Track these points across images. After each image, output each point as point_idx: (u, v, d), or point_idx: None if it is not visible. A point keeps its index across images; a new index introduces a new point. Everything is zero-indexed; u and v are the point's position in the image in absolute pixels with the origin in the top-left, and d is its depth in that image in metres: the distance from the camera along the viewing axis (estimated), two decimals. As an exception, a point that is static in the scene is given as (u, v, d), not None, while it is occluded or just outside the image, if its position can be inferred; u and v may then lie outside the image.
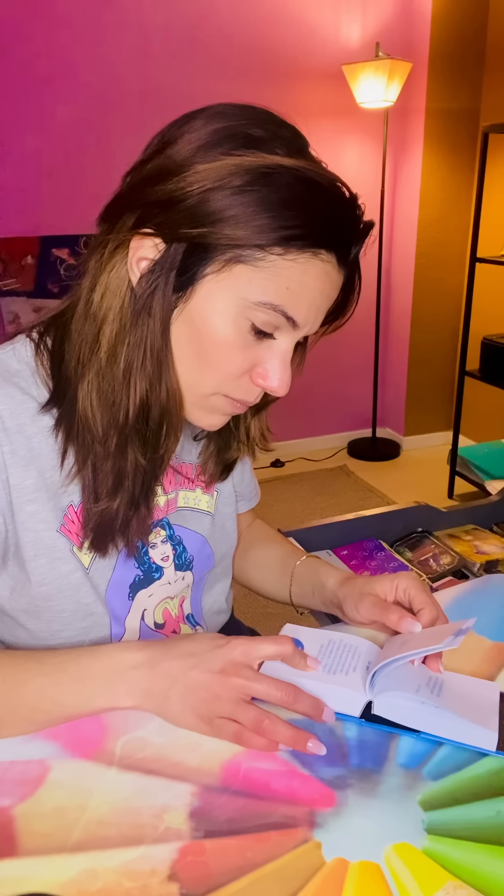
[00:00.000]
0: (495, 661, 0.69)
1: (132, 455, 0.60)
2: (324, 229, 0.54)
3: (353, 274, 0.61)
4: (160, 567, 0.73)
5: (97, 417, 0.59)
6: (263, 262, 0.53)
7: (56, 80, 2.47)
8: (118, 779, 0.54)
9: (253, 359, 0.59)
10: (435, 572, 1.01)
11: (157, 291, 0.55)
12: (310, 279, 0.55)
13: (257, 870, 0.47)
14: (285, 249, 0.53)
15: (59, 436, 0.62)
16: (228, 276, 0.54)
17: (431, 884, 0.46)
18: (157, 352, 0.57)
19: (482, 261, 2.50)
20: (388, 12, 2.83)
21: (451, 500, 2.84)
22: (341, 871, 0.47)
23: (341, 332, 0.66)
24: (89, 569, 0.66)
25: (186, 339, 0.57)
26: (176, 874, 0.47)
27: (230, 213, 0.52)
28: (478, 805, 0.53)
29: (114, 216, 0.57)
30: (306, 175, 0.53)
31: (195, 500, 0.77)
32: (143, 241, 0.55)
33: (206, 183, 0.52)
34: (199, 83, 2.61)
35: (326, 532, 1.08)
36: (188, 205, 0.52)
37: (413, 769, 0.56)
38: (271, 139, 0.54)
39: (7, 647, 0.71)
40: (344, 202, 0.56)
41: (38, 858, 0.48)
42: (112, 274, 0.57)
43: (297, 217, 0.52)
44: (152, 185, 0.54)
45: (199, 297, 0.56)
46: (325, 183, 0.54)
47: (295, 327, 0.58)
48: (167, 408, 0.59)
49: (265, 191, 0.51)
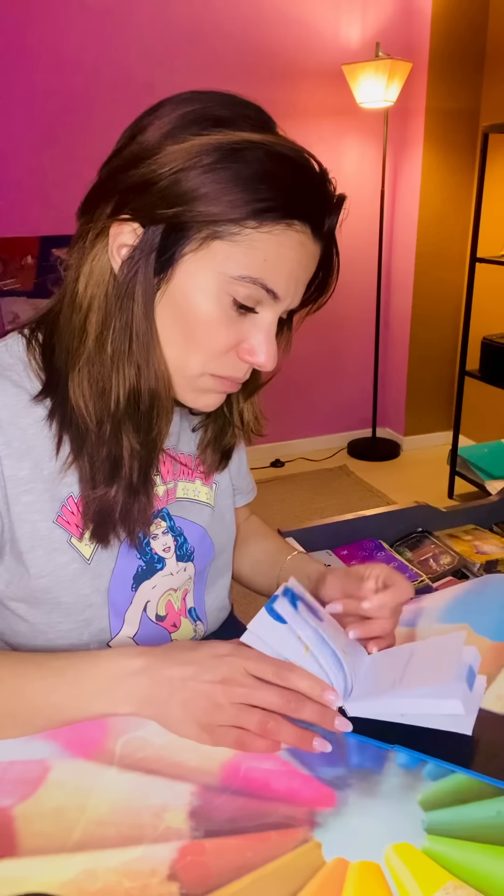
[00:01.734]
0: (495, 661, 0.69)
1: (126, 441, 0.61)
2: (296, 200, 0.55)
3: (330, 248, 0.62)
4: (162, 558, 0.74)
5: (89, 405, 0.60)
6: (239, 236, 0.55)
7: (56, 82, 2.47)
8: (118, 778, 0.54)
9: (237, 334, 0.60)
10: (435, 572, 1.01)
11: (139, 275, 0.56)
12: (286, 250, 0.56)
13: (257, 870, 0.47)
14: (259, 222, 0.54)
15: (53, 425, 0.62)
16: (207, 254, 0.56)
17: (431, 884, 0.46)
18: (142, 335, 0.58)
19: (482, 261, 2.50)
20: (388, 12, 2.83)
21: (451, 500, 2.84)
22: (341, 871, 0.47)
23: (341, 332, 0.67)
24: (91, 560, 0.67)
25: (171, 320, 0.58)
26: (176, 874, 0.47)
27: (203, 190, 0.53)
28: (478, 805, 0.52)
29: (92, 207, 0.58)
30: (275, 149, 0.54)
31: (195, 491, 0.77)
32: (121, 227, 0.56)
33: (177, 163, 0.53)
34: (200, 84, 2.58)
35: (326, 532, 1.08)
36: (161, 186, 0.53)
37: (413, 769, 0.56)
38: (238, 118, 0.56)
39: (6, 639, 0.71)
40: (314, 174, 0.57)
41: (38, 858, 0.48)
42: (94, 263, 0.58)
43: (268, 189, 0.54)
44: (126, 172, 0.56)
45: (180, 277, 0.57)
46: (294, 156, 0.55)
47: (276, 299, 0.58)
48: (157, 390, 0.60)
49: (235, 166, 0.53)
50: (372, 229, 3.08)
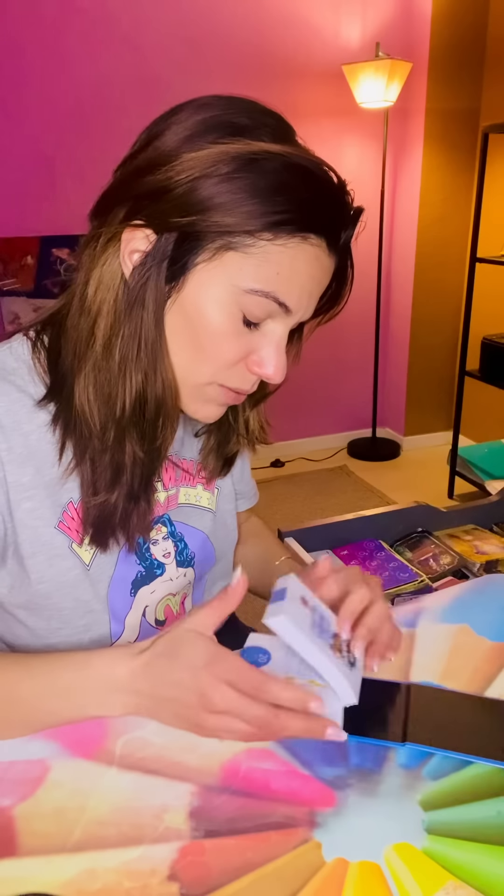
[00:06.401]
0: (495, 661, 0.69)
1: (130, 448, 0.61)
2: (312, 213, 0.54)
3: (345, 261, 0.61)
4: (162, 563, 0.73)
5: (94, 411, 0.59)
6: (253, 248, 0.54)
7: (56, 82, 2.47)
8: (118, 778, 0.54)
9: (247, 346, 0.59)
10: (435, 572, 1.01)
11: (150, 282, 0.56)
12: (300, 264, 0.56)
13: (257, 870, 0.47)
14: (274, 234, 0.53)
15: (56, 430, 0.62)
16: (219, 264, 0.55)
17: (431, 884, 0.46)
18: (151, 343, 0.57)
19: (482, 261, 2.50)
20: (388, 12, 2.83)
21: (451, 500, 2.84)
22: (341, 871, 0.47)
23: (341, 332, 0.67)
24: (90, 566, 0.66)
25: (180, 329, 0.58)
26: (176, 874, 0.47)
27: (219, 200, 0.52)
28: (478, 805, 0.52)
29: (105, 211, 0.58)
30: (293, 160, 0.53)
31: (196, 497, 0.77)
32: (134, 232, 0.55)
33: (193, 172, 0.52)
34: (200, 84, 2.61)
35: (326, 532, 1.08)
36: (177, 194, 0.53)
37: (413, 769, 0.56)
38: (257, 127, 0.55)
39: (6, 640, 0.71)
40: (332, 186, 0.56)
41: (38, 858, 0.48)
42: (105, 268, 0.57)
43: (285, 202, 0.53)
44: (141, 177, 0.55)
45: (192, 287, 0.56)
46: (313, 168, 0.54)
47: (288, 313, 0.58)
48: (163, 399, 0.59)
49: (252, 177, 0.52)
50: (372, 229, 3.08)
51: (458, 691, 0.64)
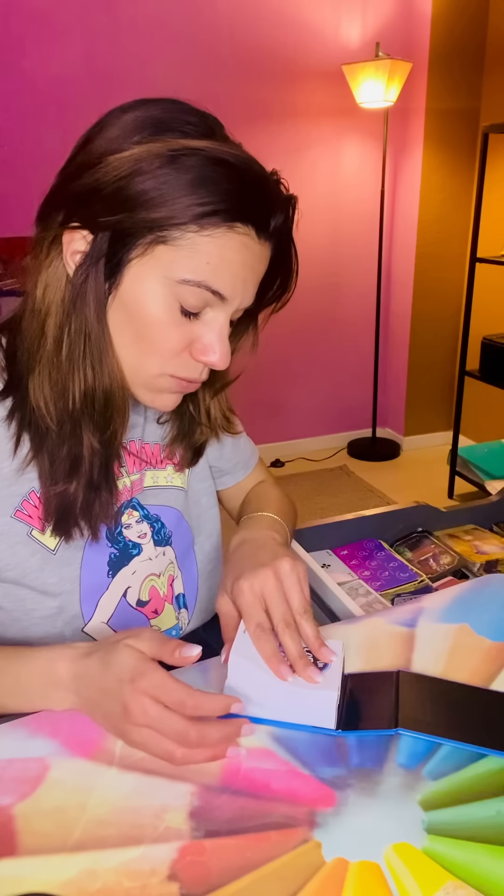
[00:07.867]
0: (495, 661, 0.69)
1: (87, 439, 0.63)
2: (235, 203, 0.57)
3: (286, 246, 0.63)
4: (137, 544, 0.76)
5: (50, 405, 0.62)
6: (182, 240, 0.56)
7: (55, 82, 2.47)
8: (118, 778, 0.54)
9: (189, 335, 0.61)
10: (435, 572, 1.01)
11: (90, 281, 0.59)
12: (228, 252, 0.58)
13: (257, 870, 0.47)
14: (200, 226, 0.56)
15: (11, 425, 0.64)
16: (152, 258, 0.58)
17: (431, 884, 0.46)
18: (95, 338, 0.60)
19: (482, 261, 2.50)
20: (388, 12, 2.83)
21: (451, 500, 2.84)
22: (341, 871, 0.47)
23: (342, 332, 0.67)
24: (56, 551, 0.69)
25: (123, 324, 0.60)
26: (176, 874, 0.47)
27: (145, 197, 0.55)
28: (478, 805, 0.53)
29: (46, 216, 0.61)
30: (213, 154, 0.56)
31: (166, 477, 0.79)
32: (73, 234, 0.58)
33: (119, 172, 0.55)
34: (199, 84, 2.61)
35: (326, 532, 1.08)
36: (105, 194, 0.56)
37: (413, 769, 0.56)
38: (179, 125, 0.58)
39: None
40: (254, 176, 0.58)
41: (38, 858, 0.48)
42: (50, 270, 0.61)
43: (207, 194, 0.55)
44: (74, 181, 0.58)
45: (129, 282, 0.59)
46: (234, 160, 0.56)
47: (223, 300, 0.60)
48: (111, 390, 0.62)
49: (175, 173, 0.55)
50: (372, 229, 3.09)
51: (446, 679, 0.64)
